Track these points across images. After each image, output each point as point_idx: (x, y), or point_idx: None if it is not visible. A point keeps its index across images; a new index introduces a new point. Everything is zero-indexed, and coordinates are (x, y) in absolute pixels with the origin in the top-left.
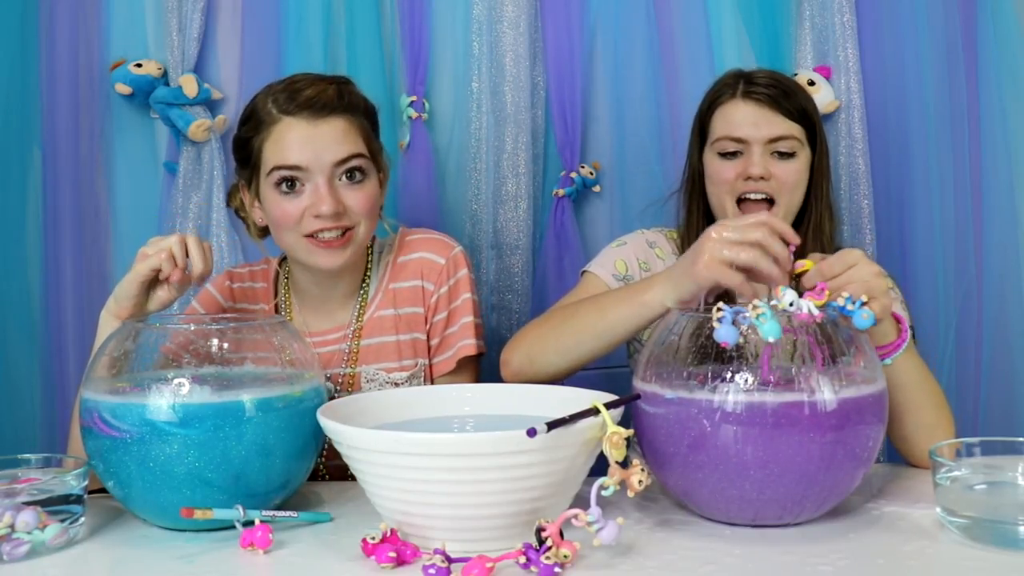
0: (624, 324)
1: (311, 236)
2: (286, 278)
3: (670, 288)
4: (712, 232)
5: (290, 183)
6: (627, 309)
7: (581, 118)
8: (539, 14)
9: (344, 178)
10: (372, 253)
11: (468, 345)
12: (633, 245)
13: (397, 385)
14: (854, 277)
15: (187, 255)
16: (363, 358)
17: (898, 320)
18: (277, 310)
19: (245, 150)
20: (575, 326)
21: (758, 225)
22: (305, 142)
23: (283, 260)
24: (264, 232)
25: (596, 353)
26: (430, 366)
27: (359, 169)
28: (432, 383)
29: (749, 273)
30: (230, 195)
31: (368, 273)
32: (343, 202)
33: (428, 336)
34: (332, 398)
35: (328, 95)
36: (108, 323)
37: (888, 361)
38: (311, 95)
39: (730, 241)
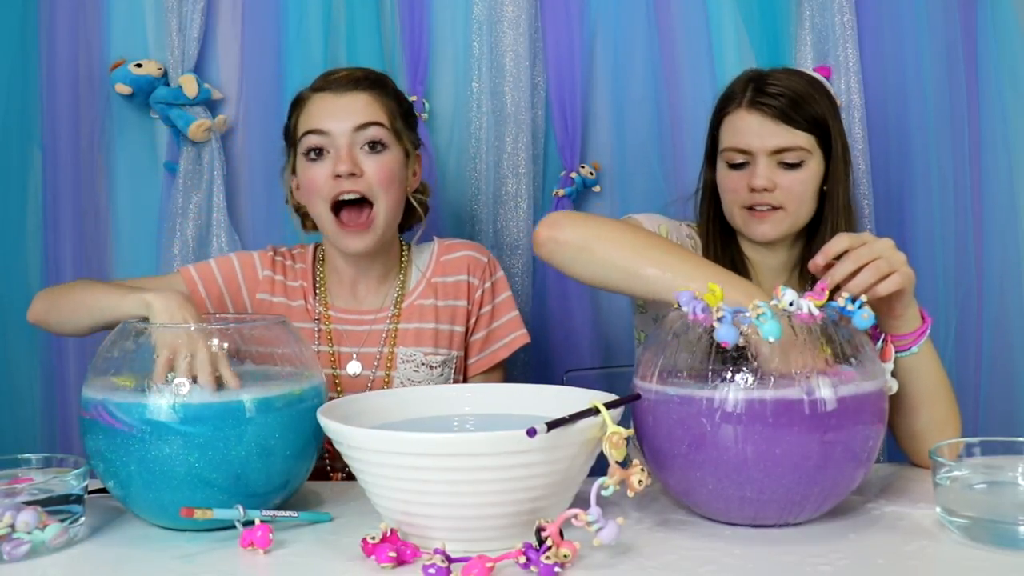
0: (656, 286)
1: (336, 213)
2: (322, 258)
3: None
4: None
5: (317, 151)
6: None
7: (581, 118)
8: (539, 14)
9: (366, 147)
10: (407, 250)
11: (522, 335)
12: (668, 225)
13: (432, 368)
14: (876, 251)
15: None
16: (401, 340)
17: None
18: (314, 288)
19: (288, 131)
20: (634, 244)
21: None
22: (330, 110)
23: (318, 246)
24: (315, 225)
25: (622, 286)
26: (466, 364)
27: (378, 138)
28: (467, 377)
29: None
30: (290, 193)
31: (404, 264)
32: (360, 165)
33: (470, 330)
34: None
35: (355, 75)
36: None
37: (915, 349)
38: (341, 75)
39: None
